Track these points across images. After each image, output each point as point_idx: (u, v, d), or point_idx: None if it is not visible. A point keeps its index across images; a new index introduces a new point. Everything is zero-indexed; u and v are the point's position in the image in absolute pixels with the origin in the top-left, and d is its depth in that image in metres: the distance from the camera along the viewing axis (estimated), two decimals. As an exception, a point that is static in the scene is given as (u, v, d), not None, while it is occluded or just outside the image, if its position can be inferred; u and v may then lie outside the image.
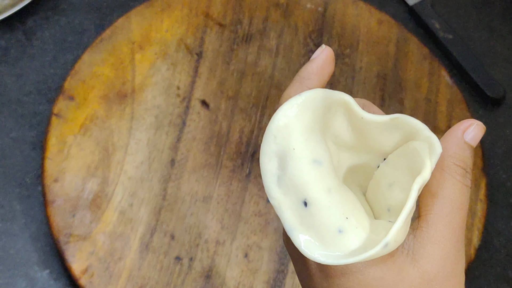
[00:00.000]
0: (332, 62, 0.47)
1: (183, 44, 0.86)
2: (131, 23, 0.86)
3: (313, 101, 0.43)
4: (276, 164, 0.43)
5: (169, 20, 0.87)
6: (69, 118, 0.80)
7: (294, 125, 0.43)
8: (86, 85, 0.82)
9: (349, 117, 0.45)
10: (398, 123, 0.44)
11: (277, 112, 0.43)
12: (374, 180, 0.47)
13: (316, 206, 0.42)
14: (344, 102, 0.44)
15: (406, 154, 0.44)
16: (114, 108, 0.81)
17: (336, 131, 0.46)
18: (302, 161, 0.42)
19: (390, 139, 0.45)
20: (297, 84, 0.47)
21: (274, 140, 0.43)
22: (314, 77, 0.47)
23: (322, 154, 0.43)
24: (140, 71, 0.84)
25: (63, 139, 0.78)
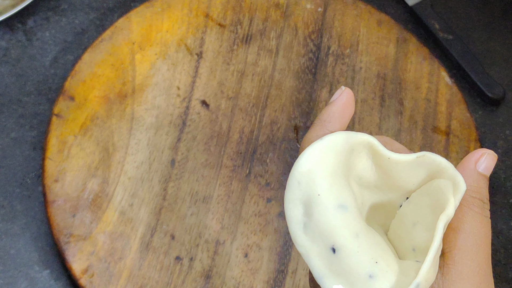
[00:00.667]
0: (352, 104, 0.47)
1: (183, 44, 0.86)
2: (131, 23, 0.86)
3: (335, 145, 0.43)
4: (301, 210, 0.43)
5: (169, 20, 0.87)
6: (70, 118, 0.80)
7: (317, 171, 0.42)
8: (87, 85, 0.82)
9: (374, 157, 0.45)
10: (423, 161, 0.44)
11: (300, 157, 0.43)
12: (397, 219, 0.46)
13: (345, 252, 0.41)
14: (367, 143, 0.44)
15: (430, 193, 0.44)
16: (114, 108, 0.82)
17: (359, 172, 0.45)
18: (327, 207, 0.42)
19: (414, 177, 0.45)
20: (318, 128, 0.46)
21: (298, 186, 0.43)
22: (335, 120, 0.46)
23: (347, 198, 0.43)
24: (140, 71, 0.84)
25: (64, 139, 0.78)
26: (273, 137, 0.82)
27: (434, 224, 0.41)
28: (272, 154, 0.81)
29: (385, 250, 0.43)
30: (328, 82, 0.86)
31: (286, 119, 0.83)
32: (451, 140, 0.84)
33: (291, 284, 0.74)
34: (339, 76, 0.86)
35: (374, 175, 0.45)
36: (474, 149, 0.83)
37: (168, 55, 0.85)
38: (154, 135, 0.81)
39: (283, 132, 0.82)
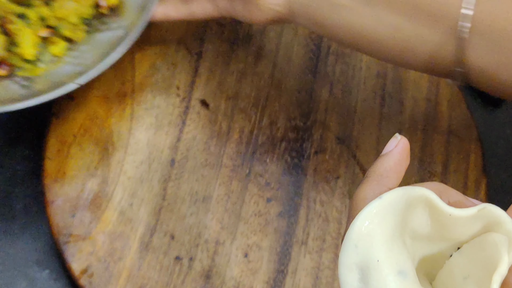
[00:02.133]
0: (409, 155, 0.44)
1: (183, 44, 0.86)
2: (131, 23, 0.86)
3: (394, 204, 0.41)
4: (357, 276, 0.40)
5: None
6: (69, 118, 0.80)
7: (377, 233, 0.40)
8: (86, 85, 0.81)
9: (431, 212, 0.43)
10: (484, 214, 0.42)
11: (357, 217, 0.41)
12: (446, 269, 0.44)
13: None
14: (425, 199, 0.42)
15: (484, 246, 0.42)
16: (113, 108, 0.81)
17: (414, 227, 0.43)
18: (387, 274, 0.40)
19: (470, 229, 0.43)
20: (374, 183, 0.43)
21: (355, 250, 0.40)
22: (392, 175, 0.43)
23: (407, 263, 0.41)
24: (140, 71, 0.84)
25: (63, 139, 0.78)
26: (273, 138, 0.82)
27: (486, 280, 0.39)
28: (272, 154, 0.81)
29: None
30: (329, 81, 0.86)
31: (286, 119, 0.83)
32: (452, 140, 0.84)
33: (291, 284, 0.74)
34: (339, 76, 0.86)
35: (429, 228, 0.43)
36: (474, 148, 0.83)
37: (168, 55, 0.85)
38: (153, 135, 0.81)
39: (283, 132, 0.82)
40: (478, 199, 0.81)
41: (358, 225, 0.40)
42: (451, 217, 0.42)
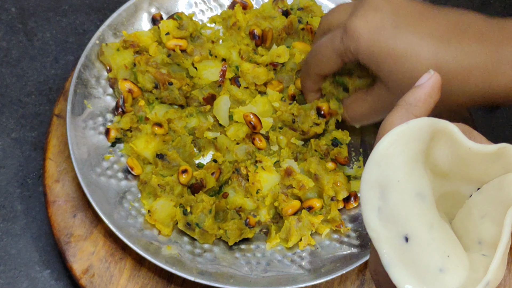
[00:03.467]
0: (440, 89, 0.45)
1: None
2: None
3: (420, 131, 0.42)
4: (377, 194, 0.41)
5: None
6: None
7: (400, 155, 0.41)
8: (87, 85, 0.82)
9: (452, 146, 0.43)
10: (503, 153, 0.42)
11: (383, 139, 0.42)
12: (465, 209, 0.45)
13: (418, 242, 0.40)
14: (449, 131, 0.43)
15: (503, 186, 0.42)
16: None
17: (435, 159, 0.44)
18: (406, 194, 0.41)
19: (489, 168, 0.43)
20: (403, 111, 0.45)
21: (378, 169, 0.41)
22: (421, 105, 0.45)
23: (426, 187, 0.41)
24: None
25: (64, 139, 0.79)
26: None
27: (502, 218, 0.40)
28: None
29: (456, 244, 0.42)
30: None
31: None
32: (451, 140, 0.84)
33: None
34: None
35: (449, 163, 0.44)
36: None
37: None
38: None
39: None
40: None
41: (382, 146, 0.41)
42: (471, 151, 0.42)
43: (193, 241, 0.74)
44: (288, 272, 0.72)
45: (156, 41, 0.82)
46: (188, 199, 0.73)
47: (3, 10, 0.89)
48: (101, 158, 0.76)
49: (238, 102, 0.79)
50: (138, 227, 0.73)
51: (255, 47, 0.83)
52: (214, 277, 0.70)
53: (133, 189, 0.76)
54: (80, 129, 0.76)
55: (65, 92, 0.81)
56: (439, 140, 0.43)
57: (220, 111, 0.79)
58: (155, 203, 0.74)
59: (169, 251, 0.72)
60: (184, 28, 0.82)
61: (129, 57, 0.80)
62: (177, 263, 0.71)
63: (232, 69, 0.81)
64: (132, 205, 0.75)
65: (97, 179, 0.74)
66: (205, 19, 0.86)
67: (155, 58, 0.79)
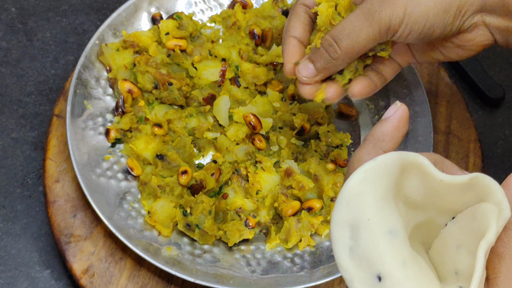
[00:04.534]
0: (407, 121, 0.45)
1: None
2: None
3: (388, 167, 0.41)
4: (348, 233, 0.41)
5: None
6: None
7: (369, 194, 0.41)
8: (87, 86, 0.82)
9: (424, 178, 0.43)
10: (475, 182, 0.42)
11: (351, 177, 0.41)
12: (441, 239, 0.45)
13: (391, 281, 0.40)
14: (419, 164, 0.42)
15: (475, 216, 0.42)
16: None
17: (407, 192, 0.44)
18: (377, 233, 0.40)
19: (463, 198, 0.43)
20: (370, 146, 0.44)
21: (347, 208, 0.41)
22: (388, 139, 0.44)
23: (397, 223, 0.41)
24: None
25: (64, 139, 0.79)
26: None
27: (476, 249, 0.40)
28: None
29: (431, 279, 0.41)
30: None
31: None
32: (451, 140, 0.84)
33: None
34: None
35: (422, 195, 0.44)
36: (474, 149, 0.84)
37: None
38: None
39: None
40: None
41: (351, 185, 0.41)
42: (442, 183, 0.42)
43: (193, 242, 0.74)
44: (288, 273, 0.72)
45: (156, 41, 0.82)
46: (188, 200, 0.73)
47: (3, 10, 0.89)
48: (101, 159, 0.76)
49: (238, 102, 0.79)
50: (138, 228, 0.73)
51: (255, 47, 0.83)
52: (214, 278, 0.70)
53: (133, 190, 0.76)
54: (80, 129, 0.76)
55: (65, 92, 0.81)
56: (409, 173, 0.43)
57: (220, 111, 0.79)
58: (155, 204, 0.74)
59: (169, 252, 0.72)
60: (184, 28, 0.82)
61: (129, 57, 0.80)
62: (177, 264, 0.71)
63: (232, 69, 0.81)
64: (132, 206, 0.75)
65: (97, 180, 0.74)
66: (205, 18, 0.86)
67: (155, 58, 0.79)
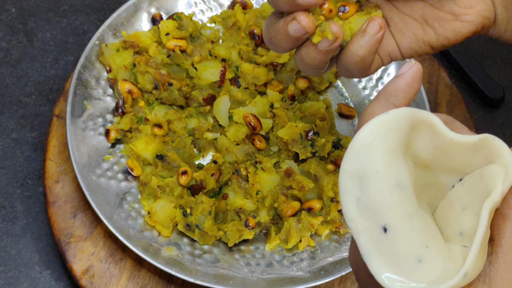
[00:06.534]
0: (421, 79, 0.45)
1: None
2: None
3: (400, 121, 0.41)
4: (356, 184, 0.41)
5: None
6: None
7: (379, 145, 0.41)
8: (87, 86, 0.82)
9: (434, 137, 0.43)
10: (484, 143, 0.42)
11: (362, 129, 0.41)
12: (447, 200, 0.45)
13: (396, 233, 0.40)
14: (429, 122, 0.42)
15: (483, 177, 0.42)
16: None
17: (417, 150, 0.44)
18: (385, 184, 0.40)
19: (471, 159, 0.43)
20: (382, 101, 0.45)
21: (357, 159, 0.41)
22: (401, 95, 0.44)
23: (405, 177, 0.41)
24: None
25: (64, 140, 0.79)
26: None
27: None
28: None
29: (435, 235, 0.41)
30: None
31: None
32: (451, 140, 0.84)
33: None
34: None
35: (431, 154, 0.44)
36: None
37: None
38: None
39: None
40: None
41: (362, 136, 0.41)
42: (452, 142, 0.42)
43: (193, 243, 0.74)
44: (287, 273, 0.72)
45: (156, 41, 0.82)
46: (188, 201, 0.73)
47: (3, 10, 0.89)
48: (101, 159, 0.76)
49: (238, 102, 0.79)
50: (138, 228, 0.73)
51: (255, 47, 0.83)
52: (214, 279, 0.70)
53: (133, 190, 0.76)
54: (80, 130, 0.76)
55: (65, 93, 0.81)
56: (420, 131, 0.43)
57: (220, 112, 0.79)
58: (155, 204, 0.74)
59: (169, 253, 0.72)
60: (184, 28, 0.82)
61: (129, 57, 0.80)
62: (177, 264, 0.71)
63: (232, 70, 0.81)
64: (132, 206, 0.75)
65: (97, 181, 0.74)
66: (205, 19, 0.86)
67: (155, 58, 0.79)
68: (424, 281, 0.39)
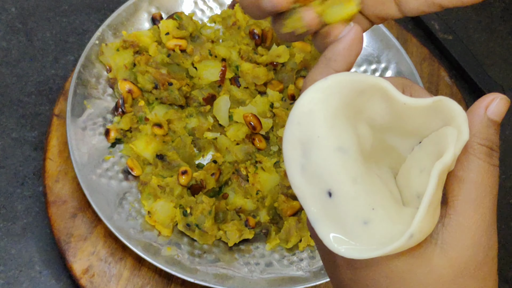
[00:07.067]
0: (360, 42, 0.44)
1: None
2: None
3: (340, 86, 0.41)
4: (299, 152, 0.41)
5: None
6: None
7: (319, 111, 0.41)
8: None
9: (388, 101, 0.43)
10: (439, 106, 0.41)
11: (301, 97, 0.41)
12: (407, 163, 0.44)
13: (341, 196, 0.40)
14: (380, 88, 0.42)
15: (437, 140, 0.42)
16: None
17: (372, 114, 0.43)
18: (326, 149, 0.40)
19: (428, 122, 0.43)
20: (322, 66, 0.44)
21: (298, 127, 0.41)
22: (340, 59, 0.43)
23: (348, 141, 0.41)
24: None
25: (64, 139, 0.79)
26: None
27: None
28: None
29: (385, 197, 0.41)
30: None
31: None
32: (451, 140, 0.84)
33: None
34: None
35: (388, 118, 0.43)
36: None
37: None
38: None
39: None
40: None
41: (301, 103, 0.41)
42: (406, 106, 0.42)
43: (193, 242, 0.74)
44: (287, 273, 0.72)
45: (156, 41, 0.82)
46: (188, 200, 0.73)
47: (3, 10, 0.89)
48: (101, 159, 0.76)
49: (238, 102, 0.79)
50: (138, 228, 0.73)
51: (255, 47, 0.83)
52: (214, 278, 0.70)
53: (133, 190, 0.76)
54: (80, 130, 0.76)
55: (65, 92, 0.81)
56: (372, 96, 0.43)
57: (220, 112, 0.79)
58: (155, 204, 0.74)
59: (169, 252, 0.72)
60: (184, 28, 0.82)
61: (129, 57, 0.80)
62: (177, 264, 0.71)
63: (232, 69, 0.81)
64: (132, 206, 0.75)
65: (97, 180, 0.74)
66: (205, 18, 0.86)
67: (155, 58, 0.79)
68: (370, 242, 0.39)
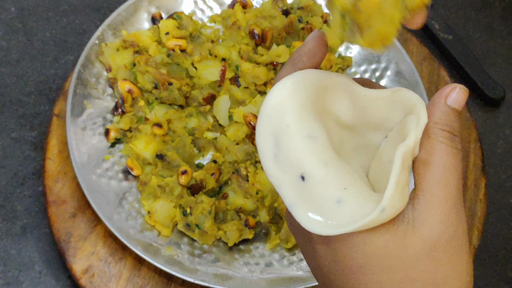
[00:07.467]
0: (323, 45, 0.48)
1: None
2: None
3: (305, 81, 0.44)
4: (272, 142, 0.44)
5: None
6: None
7: (287, 103, 0.43)
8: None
9: (351, 97, 0.46)
10: (398, 96, 0.45)
11: (270, 92, 0.44)
12: (377, 159, 0.47)
13: (313, 179, 0.42)
14: (342, 84, 0.45)
15: (401, 130, 0.45)
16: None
17: (337, 112, 0.46)
18: (296, 137, 0.43)
19: (390, 114, 0.46)
20: (289, 66, 0.48)
21: (269, 119, 0.44)
22: (305, 59, 0.47)
23: (317, 130, 0.43)
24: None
25: (64, 139, 0.79)
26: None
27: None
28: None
29: (355, 179, 0.43)
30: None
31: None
32: (451, 140, 0.84)
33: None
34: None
35: (352, 114, 0.46)
36: (474, 149, 0.84)
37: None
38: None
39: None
40: (478, 199, 0.81)
41: (270, 98, 0.44)
42: (366, 97, 0.45)
43: (192, 242, 0.74)
44: (287, 273, 0.72)
45: (156, 41, 0.82)
46: (188, 200, 0.73)
47: (3, 10, 0.89)
48: (101, 159, 0.76)
49: (238, 102, 0.79)
50: (138, 228, 0.73)
51: (255, 47, 0.83)
52: (214, 278, 0.70)
53: (133, 190, 0.76)
54: (79, 130, 0.76)
55: (65, 92, 0.81)
56: (335, 93, 0.45)
57: (220, 111, 0.79)
58: (155, 204, 0.74)
59: (168, 252, 0.72)
60: (183, 28, 0.82)
61: (128, 57, 0.80)
62: (177, 264, 0.71)
63: (232, 69, 0.81)
64: (132, 206, 0.75)
65: (97, 180, 0.74)
66: (205, 18, 0.86)
67: (155, 58, 0.79)
68: (344, 220, 0.41)
